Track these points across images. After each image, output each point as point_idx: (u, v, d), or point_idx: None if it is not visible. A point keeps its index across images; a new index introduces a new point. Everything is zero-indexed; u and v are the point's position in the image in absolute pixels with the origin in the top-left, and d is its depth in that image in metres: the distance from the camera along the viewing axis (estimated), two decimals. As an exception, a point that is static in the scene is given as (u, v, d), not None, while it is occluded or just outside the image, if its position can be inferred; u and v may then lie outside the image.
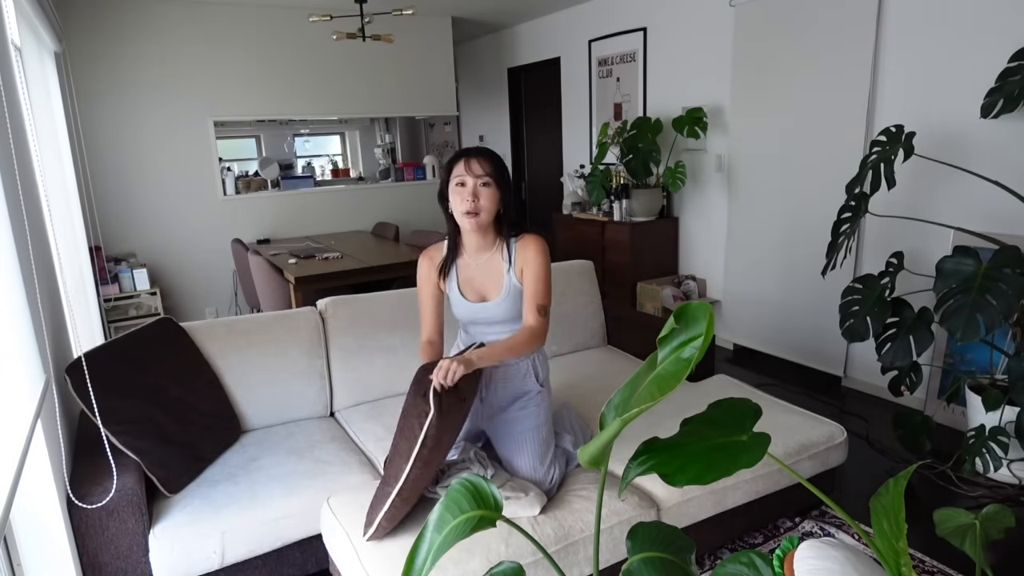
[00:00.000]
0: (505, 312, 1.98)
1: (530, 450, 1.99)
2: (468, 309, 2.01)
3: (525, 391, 2.07)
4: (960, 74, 2.96)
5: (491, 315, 2.00)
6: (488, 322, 2.03)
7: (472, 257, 2.00)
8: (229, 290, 5.21)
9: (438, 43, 5.79)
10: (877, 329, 2.65)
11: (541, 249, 1.93)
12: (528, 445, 1.99)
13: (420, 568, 0.99)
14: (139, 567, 1.83)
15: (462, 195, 1.87)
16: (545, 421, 2.05)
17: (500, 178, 1.87)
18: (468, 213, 1.86)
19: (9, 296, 1.53)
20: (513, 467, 2.00)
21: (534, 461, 1.98)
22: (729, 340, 4.39)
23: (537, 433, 2.01)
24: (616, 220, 4.57)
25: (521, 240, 1.96)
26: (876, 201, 3.06)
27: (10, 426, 1.39)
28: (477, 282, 2.00)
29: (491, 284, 1.98)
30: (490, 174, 1.85)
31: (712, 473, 0.89)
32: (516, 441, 2.01)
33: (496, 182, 1.86)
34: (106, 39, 4.49)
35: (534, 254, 1.92)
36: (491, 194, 1.86)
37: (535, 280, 1.92)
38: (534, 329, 1.92)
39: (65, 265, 2.88)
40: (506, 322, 2.02)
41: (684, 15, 4.43)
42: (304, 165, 7.45)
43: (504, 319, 2.01)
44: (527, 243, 1.94)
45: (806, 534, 2.33)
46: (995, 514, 1.14)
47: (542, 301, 1.93)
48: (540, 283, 1.92)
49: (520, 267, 1.95)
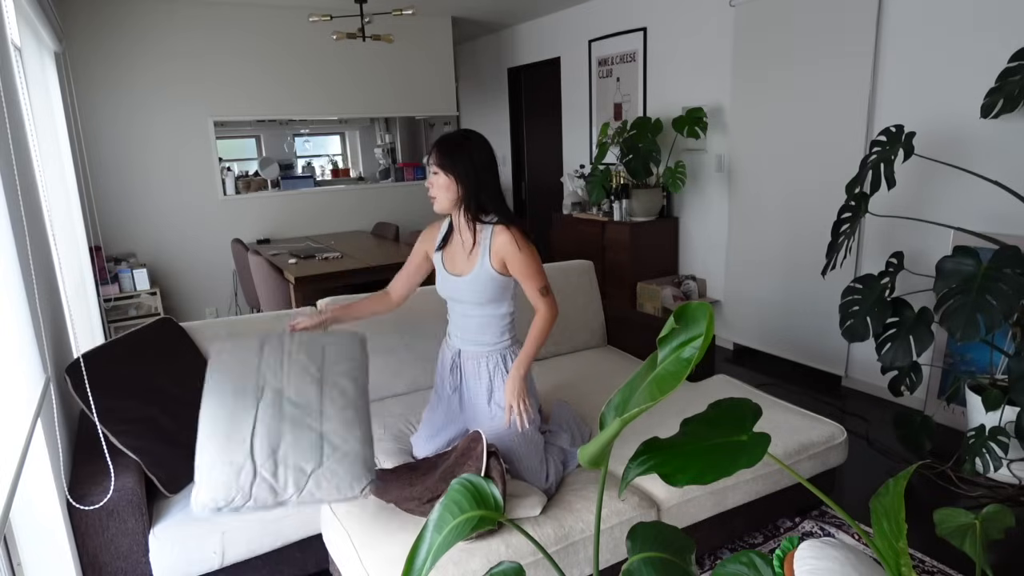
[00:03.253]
0: (470, 293, 2.03)
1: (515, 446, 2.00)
2: (443, 279, 2.10)
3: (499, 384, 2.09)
4: (960, 74, 2.96)
5: (459, 291, 2.05)
6: (457, 299, 2.08)
7: (456, 234, 2.09)
8: (229, 290, 5.21)
9: (438, 43, 5.79)
10: (877, 329, 2.65)
11: (511, 239, 1.96)
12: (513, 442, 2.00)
13: (420, 568, 0.99)
14: (139, 567, 1.83)
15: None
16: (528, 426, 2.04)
17: (450, 166, 1.94)
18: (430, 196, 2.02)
19: (9, 296, 1.53)
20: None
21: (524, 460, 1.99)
22: (729, 340, 4.39)
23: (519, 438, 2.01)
24: (616, 220, 4.57)
25: (496, 228, 1.99)
26: (876, 201, 3.06)
27: (10, 426, 1.39)
28: (458, 256, 2.07)
29: (465, 262, 2.04)
30: (439, 163, 1.95)
31: (712, 473, 0.89)
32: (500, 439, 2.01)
33: (445, 170, 1.94)
34: (106, 39, 4.49)
35: (507, 246, 1.96)
36: (442, 182, 1.96)
37: (523, 269, 1.98)
38: (544, 312, 2.03)
39: (65, 265, 2.88)
40: (471, 303, 2.05)
41: (684, 15, 4.43)
42: (304, 165, 7.44)
43: (469, 300, 2.05)
44: (498, 234, 1.98)
45: (806, 534, 2.33)
46: (995, 514, 1.14)
47: (539, 283, 2.01)
48: (528, 269, 1.98)
49: (499, 258, 1.98)
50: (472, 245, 2.02)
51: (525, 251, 1.97)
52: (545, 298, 2.02)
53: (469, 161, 1.94)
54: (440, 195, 1.97)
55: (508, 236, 1.96)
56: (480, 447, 1.80)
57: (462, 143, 1.96)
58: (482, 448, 1.79)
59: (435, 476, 1.82)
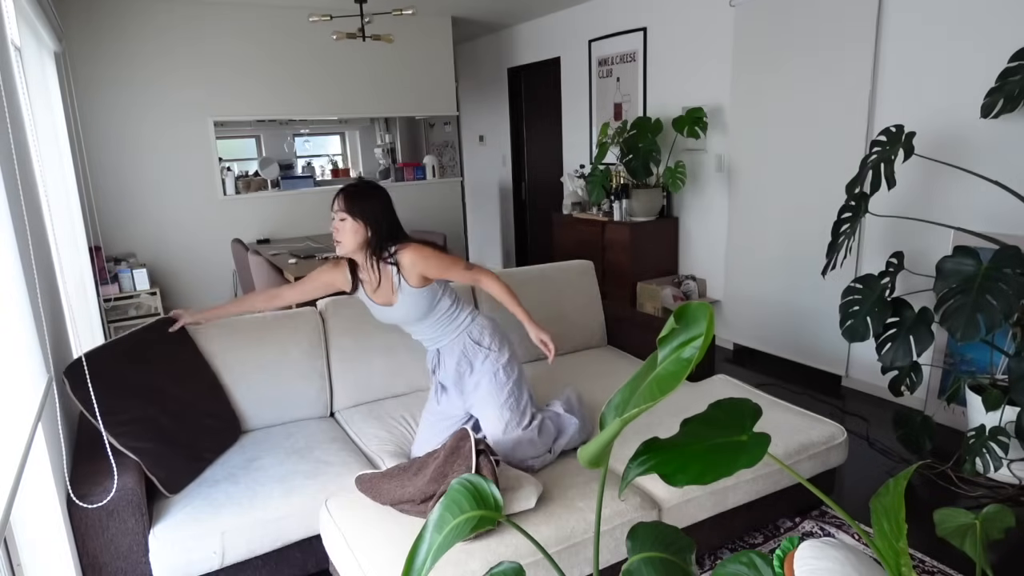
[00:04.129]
0: (407, 314, 2.18)
1: (493, 401, 2.13)
2: (379, 312, 2.23)
3: (474, 357, 2.22)
4: (960, 74, 2.96)
5: (397, 317, 2.20)
6: (400, 322, 2.24)
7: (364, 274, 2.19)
8: (229, 290, 5.21)
9: (438, 43, 5.79)
10: (877, 329, 2.65)
11: (413, 253, 2.08)
12: (491, 398, 2.14)
13: (420, 568, 0.99)
14: (139, 567, 1.82)
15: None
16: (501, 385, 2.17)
17: (355, 211, 2.05)
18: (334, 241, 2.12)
19: (11, 296, 1.53)
20: (485, 427, 2.14)
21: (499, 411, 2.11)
22: (729, 340, 4.39)
23: (495, 382, 2.15)
24: (616, 220, 4.57)
25: (398, 254, 2.10)
26: (876, 201, 3.06)
27: (12, 427, 1.39)
28: (379, 290, 2.19)
29: (388, 292, 2.17)
30: (344, 209, 2.05)
31: (712, 473, 0.89)
32: (482, 400, 2.16)
33: (352, 215, 2.05)
34: (106, 39, 4.49)
35: (417, 262, 2.08)
36: (348, 227, 2.06)
37: (439, 266, 2.11)
38: (486, 280, 2.20)
39: (65, 265, 2.88)
40: (413, 321, 2.21)
41: (684, 15, 4.43)
42: (304, 165, 7.44)
43: (410, 319, 2.21)
44: (402, 257, 2.09)
45: (806, 534, 2.33)
46: (995, 514, 1.14)
47: (459, 266, 2.15)
48: (442, 263, 2.11)
49: (415, 274, 2.10)
50: (379, 281, 2.14)
51: (429, 254, 2.09)
52: (474, 270, 2.18)
53: (372, 210, 2.06)
54: (344, 239, 2.07)
55: (410, 253, 2.08)
56: (468, 445, 1.82)
57: (371, 193, 2.08)
58: (470, 446, 1.81)
59: (427, 476, 1.83)
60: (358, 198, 2.07)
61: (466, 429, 1.88)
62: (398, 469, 1.93)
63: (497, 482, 1.78)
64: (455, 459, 1.82)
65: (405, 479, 1.87)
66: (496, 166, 6.95)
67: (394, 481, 1.89)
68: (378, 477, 1.93)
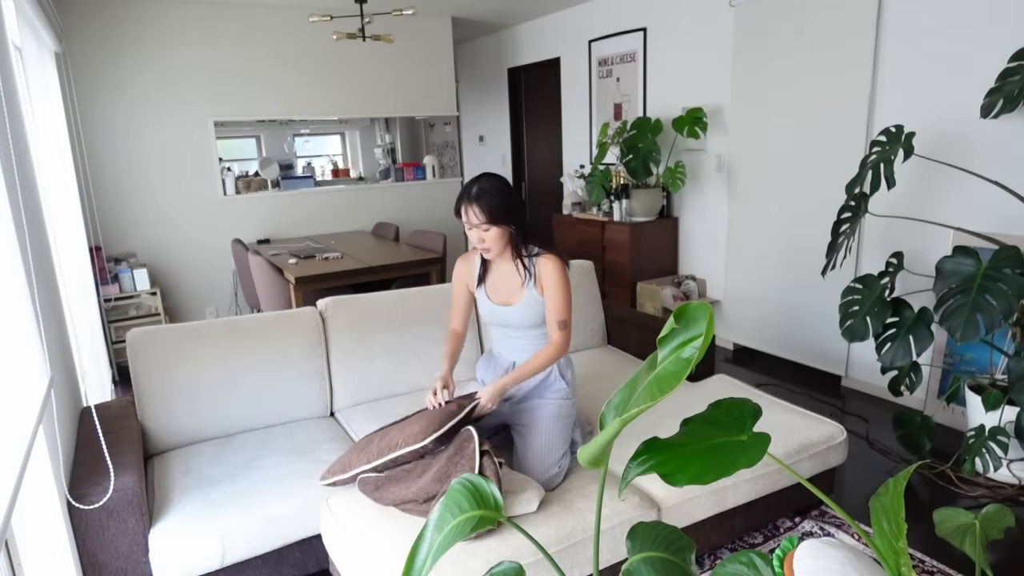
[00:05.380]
0: (522, 319, 2.15)
1: (543, 437, 2.07)
2: (491, 309, 2.20)
3: (548, 385, 2.18)
4: (960, 74, 2.96)
5: (509, 319, 2.17)
6: (507, 324, 2.19)
7: (497, 265, 2.19)
8: (229, 290, 5.21)
9: (438, 43, 5.79)
10: (877, 329, 2.65)
11: (557, 269, 2.08)
12: (542, 433, 2.08)
13: (420, 568, 0.99)
14: (139, 567, 1.83)
15: (471, 237, 2.08)
16: (563, 416, 2.13)
17: (498, 218, 2.01)
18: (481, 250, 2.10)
19: (12, 297, 1.53)
20: (523, 452, 2.07)
21: (545, 449, 2.05)
22: (729, 340, 4.39)
23: (553, 423, 2.10)
24: (616, 220, 4.57)
25: (540, 259, 2.11)
26: (876, 201, 3.06)
27: (13, 427, 1.39)
28: (501, 287, 2.18)
29: (512, 292, 2.15)
30: (486, 220, 2.01)
31: (712, 473, 0.89)
32: (531, 428, 2.09)
33: (495, 223, 2.01)
34: (106, 39, 4.49)
35: (551, 274, 2.08)
36: (493, 234, 2.04)
37: (555, 298, 2.09)
38: (557, 343, 2.12)
39: (65, 265, 2.88)
40: (522, 328, 2.17)
41: (684, 15, 4.43)
42: (304, 165, 7.43)
43: (521, 325, 2.17)
44: (545, 263, 2.09)
45: (806, 534, 2.33)
46: (995, 514, 1.14)
47: (562, 317, 2.10)
48: (560, 301, 2.09)
49: (541, 283, 2.10)
50: (523, 279, 2.12)
51: (563, 281, 2.09)
52: (562, 332, 2.11)
53: (508, 207, 2.03)
54: (494, 244, 2.05)
55: (554, 265, 2.08)
56: (472, 446, 1.82)
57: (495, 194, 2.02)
58: (474, 447, 1.81)
59: (430, 476, 1.83)
60: (493, 203, 2.00)
61: (470, 430, 1.88)
62: (402, 471, 1.93)
63: (499, 483, 1.78)
64: (459, 459, 1.83)
65: (410, 479, 1.87)
66: (496, 166, 6.95)
67: (398, 482, 1.89)
68: (382, 480, 1.93)
